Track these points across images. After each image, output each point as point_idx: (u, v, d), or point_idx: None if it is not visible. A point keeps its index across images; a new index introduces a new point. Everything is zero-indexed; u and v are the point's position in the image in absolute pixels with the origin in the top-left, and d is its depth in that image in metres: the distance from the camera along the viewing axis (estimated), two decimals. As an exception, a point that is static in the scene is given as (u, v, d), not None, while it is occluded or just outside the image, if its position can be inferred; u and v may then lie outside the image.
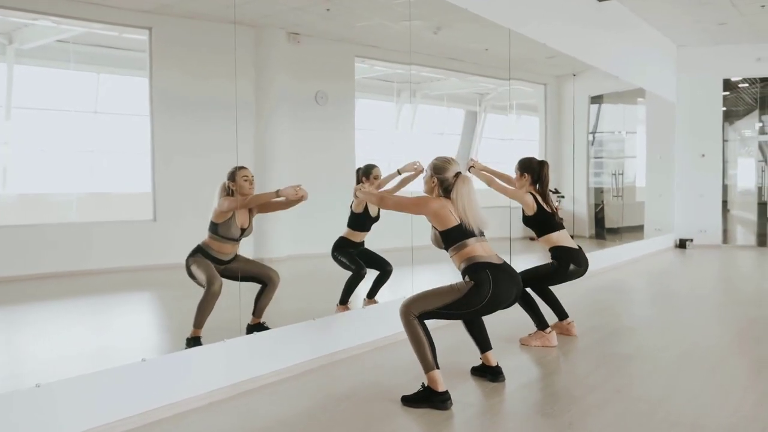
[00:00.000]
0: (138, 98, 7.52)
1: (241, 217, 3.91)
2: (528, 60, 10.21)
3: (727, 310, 5.59)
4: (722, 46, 10.38)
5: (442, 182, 3.26)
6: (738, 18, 8.83)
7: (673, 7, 8.32)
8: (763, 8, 8.30)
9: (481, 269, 3.12)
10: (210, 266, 3.83)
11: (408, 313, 3.18)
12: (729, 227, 11.45)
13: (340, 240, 4.66)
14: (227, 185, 3.90)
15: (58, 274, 5.59)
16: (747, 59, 10.36)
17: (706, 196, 10.66)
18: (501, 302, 3.14)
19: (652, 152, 10.57)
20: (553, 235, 4.31)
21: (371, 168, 4.66)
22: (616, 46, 8.27)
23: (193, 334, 3.78)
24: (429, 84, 11.65)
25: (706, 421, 2.91)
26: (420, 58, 9.35)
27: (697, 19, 8.92)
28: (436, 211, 3.21)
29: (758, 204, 14.39)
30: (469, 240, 3.20)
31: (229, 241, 3.88)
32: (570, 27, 7.22)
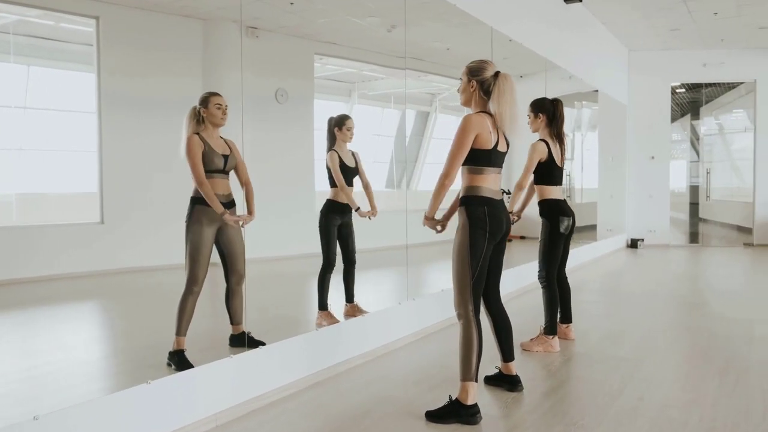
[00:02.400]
0: (78, 93, 7.02)
1: (215, 143, 3.56)
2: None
3: (708, 310, 5.68)
4: (671, 51, 10.72)
5: (482, 83, 3.00)
6: (690, 24, 9.10)
7: (633, 11, 8.48)
8: (716, 15, 8.59)
9: (480, 204, 2.96)
10: (200, 257, 3.48)
11: (467, 313, 2.96)
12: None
13: (327, 203, 4.44)
14: (197, 111, 3.57)
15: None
16: (694, 65, 10.73)
17: (656, 197, 10.97)
18: (497, 233, 3.00)
19: (604, 154, 10.79)
20: (548, 188, 4.23)
21: (345, 118, 4.45)
22: (577, 47, 8.36)
23: (175, 346, 3.49)
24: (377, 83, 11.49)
25: (743, 427, 2.85)
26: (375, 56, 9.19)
27: (653, 24, 9.14)
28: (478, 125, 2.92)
29: (690, 204, 15.10)
30: (489, 168, 2.99)
31: (216, 174, 3.53)
32: (540, 26, 7.21)
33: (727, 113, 14.50)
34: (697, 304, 5.91)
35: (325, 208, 4.45)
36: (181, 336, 3.51)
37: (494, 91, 2.96)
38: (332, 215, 4.42)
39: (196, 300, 3.52)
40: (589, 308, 5.63)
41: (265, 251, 6.00)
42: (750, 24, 9.05)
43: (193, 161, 3.52)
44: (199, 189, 3.47)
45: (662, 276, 8.14)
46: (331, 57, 9.06)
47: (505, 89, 2.95)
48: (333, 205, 4.43)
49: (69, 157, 7.28)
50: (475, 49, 9.39)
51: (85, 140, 6.92)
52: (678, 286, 7.17)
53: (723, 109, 14.30)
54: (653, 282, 7.44)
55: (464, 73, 3.07)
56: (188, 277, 3.49)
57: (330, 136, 4.50)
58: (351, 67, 10.05)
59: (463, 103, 3.12)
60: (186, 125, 3.59)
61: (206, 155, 3.50)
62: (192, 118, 3.59)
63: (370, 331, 4.06)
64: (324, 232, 4.43)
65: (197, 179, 3.50)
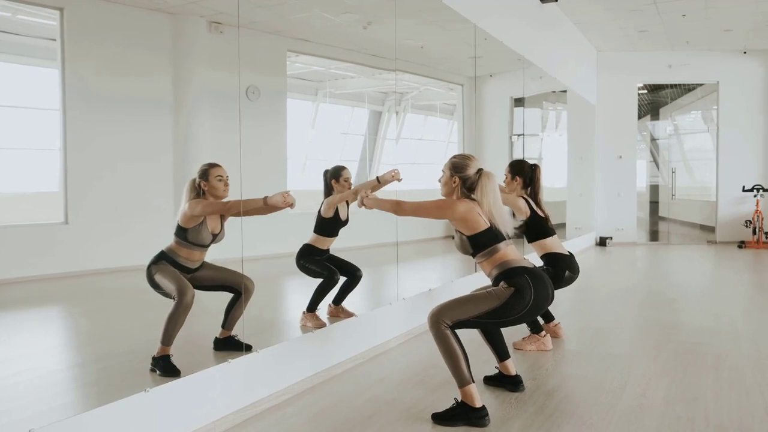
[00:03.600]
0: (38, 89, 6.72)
1: (212, 221, 3.46)
2: (447, 59, 10.26)
3: (687, 305, 5.76)
4: (638, 52, 10.91)
5: (465, 181, 3.00)
6: (658, 26, 9.27)
7: (606, 12, 8.58)
8: (684, 17, 8.76)
9: (519, 274, 2.90)
10: (178, 274, 3.37)
11: (439, 323, 2.90)
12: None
13: (305, 248, 4.26)
14: (197, 184, 3.43)
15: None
16: (660, 66, 10.95)
17: (623, 195, 11.15)
18: (541, 307, 2.94)
19: (573, 153, 10.91)
20: (547, 241, 4.19)
21: (341, 170, 4.29)
22: (551, 47, 8.41)
23: (160, 352, 3.32)
24: (345, 81, 11.40)
25: (747, 423, 2.86)
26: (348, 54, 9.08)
27: (623, 25, 9.28)
28: (464, 214, 2.94)
29: (650, 203, 15.46)
30: (500, 244, 2.97)
31: (198, 247, 3.43)
32: (517, 25, 7.22)
33: (685, 114, 14.91)
34: (675, 299, 5.99)
35: (300, 253, 4.23)
36: (168, 345, 3.36)
37: (477, 189, 2.97)
38: (310, 257, 4.22)
39: (188, 313, 3.35)
40: (573, 306, 5.64)
41: (236, 252, 5.84)
42: (715, 26, 9.27)
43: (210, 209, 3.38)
44: (233, 208, 3.39)
45: (636, 273, 8.26)
46: (304, 54, 8.91)
47: (488, 189, 2.96)
48: (311, 250, 4.23)
49: (29, 155, 6.96)
50: (449, 47, 9.40)
51: (46, 138, 6.62)
52: (653, 282, 7.27)
53: (681, 110, 14.69)
54: (628, 279, 7.54)
55: (447, 167, 3.07)
56: (177, 293, 3.31)
57: (326, 188, 4.34)
58: (319, 65, 9.92)
59: (443, 195, 3.12)
60: (185, 199, 3.44)
61: (198, 228, 3.38)
62: (191, 191, 3.44)
63: (363, 332, 3.97)
64: (308, 266, 4.21)
65: (229, 203, 3.40)
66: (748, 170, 10.82)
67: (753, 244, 10.20)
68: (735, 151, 10.93)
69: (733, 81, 10.89)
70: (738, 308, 5.68)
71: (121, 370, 3.42)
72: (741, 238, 10.56)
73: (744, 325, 4.88)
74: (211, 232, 3.45)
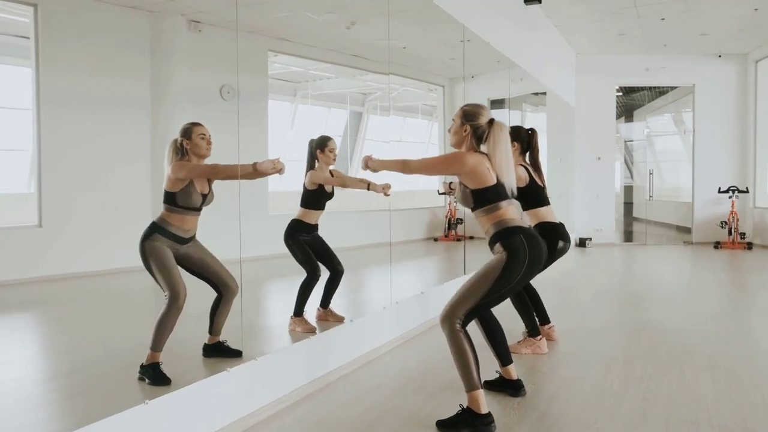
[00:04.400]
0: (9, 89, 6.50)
1: (200, 182, 3.33)
2: (429, 60, 10.24)
3: (675, 306, 5.79)
4: (616, 55, 11.01)
5: (476, 130, 2.92)
6: (637, 29, 9.36)
7: (586, 15, 8.62)
8: (663, 21, 8.86)
9: (515, 234, 2.83)
10: (173, 268, 3.22)
11: (453, 322, 2.82)
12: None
13: (293, 224, 4.19)
14: (180, 143, 3.32)
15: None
16: (637, 69, 11.07)
17: (602, 197, 11.25)
18: (537, 267, 2.88)
19: (552, 154, 10.96)
20: (541, 210, 4.15)
21: (326, 140, 4.23)
22: (533, 48, 8.43)
23: (150, 359, 3.21)
24: (322, 82, 11.32)
25: (750, 425, 2.86)
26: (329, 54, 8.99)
27: (602, 28, 9.35)
28: (473, 168, 2.84)
29: (624, 204, 15.66)
30: (503, 202, 2.89)
31: (190, 211, 3.30)
32: (502, 25, 7.20)
33: (657, 117, 15.15)
34: (660, 301, 6.03)
35: (290, 229, 4.16)
36: (157, 352, 3.24)
37: (489, 139, 2.91)
38: (298, 234, 4.15)
39: (178, 316, 3.24)
40: (560, 307, 5.64)
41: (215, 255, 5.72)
42: (692, 30, 9.40)
43: (196, 171, 3.27)
44: (222, 173, 3.29)
45: (617, 274, 8.32)
46: (285, 54, 8.79)
47: (501, 139, 2.90)
48: (299, 225, 4.16)
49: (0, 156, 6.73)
50: (431, 48, 9.36)
51: (19, 138, 6.41)
52: (635, 283, 7.32)
53: (654, 113, 14.92)
54: (611, 280, 7.58)
55: (458, 115, 2.99)
56: (170, 294, 3.20)
57: (310, 159, 4.27)
58: (298, 66, 9.82)
59: (453, 145, 3.04)
60: (168, 161, 3.32)
61: (187, 190, 3.26)
62: (174, 152, 3.33)
63: (357, 337, 3.89)
64: (296, 249, 4.14)
65: (217, 167, 3.29)
66: (723, 172, 10.99)
67: (728, 244, 10.36)
68: (710, 153, 11.10)
69: (709, 84, 11.06)
70: (722, 309, 5.73)
71: (107, 380, 3.29)
72: (717, 239, 10.72)
73: (731, 325, 4.92)
74: (201, 193, 3.32)
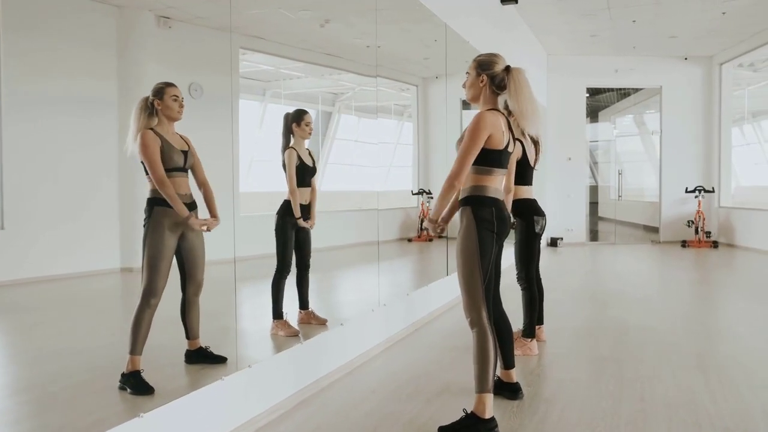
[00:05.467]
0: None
1: (173, 138, 3.19)
2: (403, 59, 10.18)
3: (654, 306, 5.84)
4: (587, 56, 11.14)
5: (493, 78, 2.79)
6: (608, 31, 9.48)
7: (560, 15, 8.68)
8: (635, 23, 8.98)
9: (487, 205, 2.75)
10: (160, 264, 3.07)
11: (480, 318, 2.72)
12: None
13: (284, 205, 4.07)
14: (150, 102, 3.15)
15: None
16: (607, 70, 11.22)
17: (573, 197, 11.36)
18: (503, 234, 2.81)
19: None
20: (523, 188, 4.12)
21: (302, 113, 4.16)
22: (508, 48, 8.43)
23: (130, 367, 3.06)
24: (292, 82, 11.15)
25: (755, 426, 2.86)
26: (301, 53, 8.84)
27: (575, 29, 9.43)
28: (492, 132, 2.69)
29: (590, 204, 15.89)
30: (497, 170, 2.79)
31: (176, 173, 3.14)
32: (481, 26, 7.18)
33: (621, 118, 15.41)
34: (638, 300, 6.07)
35: (282, 209, 4.09)
36: (137, 355, 3.08)
37: (510, 86, 2.77)
38: (289, 217, 4.07)
39: (153, 314, 3.09)
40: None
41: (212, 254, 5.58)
42: (662, 33, 9.56)
43: (150, 158, 3.10)
44: (159, 190, 3.07)
45: (591, 273, 8.39)
46: (257, 52, 8.59)
47: (522, 84, 2.76)
48: (290, 205, 4.06)
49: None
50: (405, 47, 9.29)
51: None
52: (610, 282, 7.38)
53: (618, 114, 15.17)
54: (586, 279, 7.64)
55: (472, 67, 2.85)
56: (145, 287, 3.07)
57: (286, 132, 4.18)
58: (268, 65, 9.64)
59: (470, 100, 2.91)
60: (135, 119, 3.16)
61: (164, 152, 3.11)
62: (143, 110, 3.16)
63: (346, 340, 3.79)
64: (280, 233, 4.06)
65: (157, 179, 3.09)
66: (689, 172, 11.23)
67: (695, 243, 10.58)
68: (677, 153, 11.32)
69: (675, 86, 11.28)
70: (699, 307, 5.82)
71: (85, 391, 3.10)
72: (683, 238, 10.93)
73: (711, 323, 4.98)
74: (180, 149, 3.17)
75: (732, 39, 9.96)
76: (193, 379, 3.36)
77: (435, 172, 10.07)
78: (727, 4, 8.08)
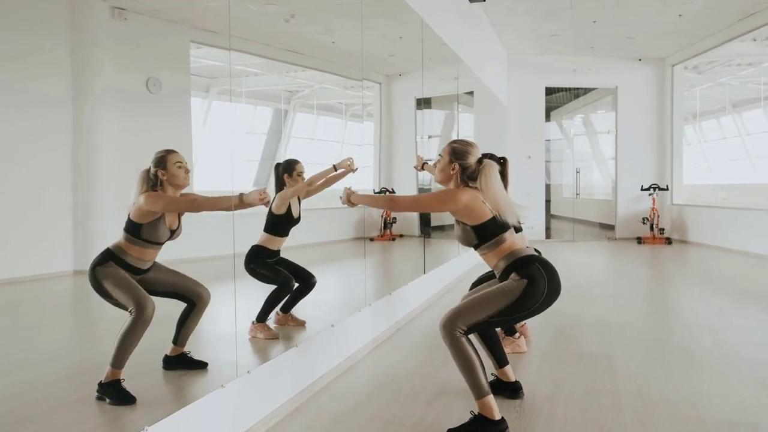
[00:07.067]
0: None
1: (170, 216, 3.04)
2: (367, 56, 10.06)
3: (626, 301, 5.91)
4: (546, 56, 11.28)
5: (465, 169, 2.79)
6: (568, 31, 9.61)
7: (524, 15, 8.74)
8: (595, 23, 9.13)
9: (530, 263, 2.71)
10: (134, 284, 2.93)
11: (454, 329, 2.66)
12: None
13: (254, 249, 3.90)
14: (153, 174, 2.99)
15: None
16: (565, 70, 11.39)
17: (532, 195, 11.48)
18: (555, 297, 2.76)
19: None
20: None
21: (294, 163, 4.00)
22: (475, 46, 8.44)
23: (110, 376, 2.88)
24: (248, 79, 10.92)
25: (755, 418, 2.88)
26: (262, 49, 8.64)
27: (536, 28, 9.51)
28: (468, 203, 2.70)
29: (545, 201, 16.16)
30: (506, 234, 2.77)
31: (152, 245, 3.00)
32: (453, 23, 7.14)
33: (572, 119, 15.73)
34: (608, 296, 6.15)
35: (251, 254, 3.87)
36: (119, 369, 2.88)
37: (481, 180, 2.76)
38: (260, 259, 3.88)
39: (146, 328, 2.90)
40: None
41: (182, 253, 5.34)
42: (619, 33, 9.75)
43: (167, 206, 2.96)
44: (199, 209, 3.02)
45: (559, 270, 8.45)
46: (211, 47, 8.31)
47: (492, 179, 2.75)
48: (261, 251, 3.89)
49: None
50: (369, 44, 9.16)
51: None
52: (576, 279, 7.45)
53: (569, 114, 15.47)
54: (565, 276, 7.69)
55: (447, 152, 2.85)
56: (135, 307, 2.86)
57: (278, 183, 4.01)
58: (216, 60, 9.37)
59: (439, 181, 2.91)
60: (137, 192, 2.99)
61: (155, 223, 2.95)
62: (145, 182, 2.99)
63: (337, 342, 3.65)
64: (260, 270, 3.86)
65: (194, 207, 3.00)
66: (644, 170, 11.52)
67: (650, 239, 10.86)
68: (632, 152, 11.60)
69: (630, 86, 11.56)
70: (669, 301, 5.92)
71: (56, 404, 2.87)
72: (638, 235, 11.21)
73: (686, 317, 5.06)
74: (169, 228, 3.02)
75: (684, 41, 10.26)
76: (175, 386, 3.18)
77: (398, 171, 9.98)
78: (684, 7, 8.30)
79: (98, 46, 6.21)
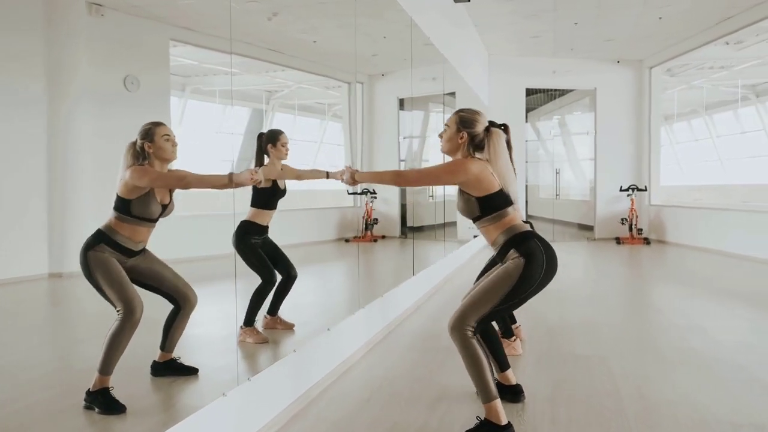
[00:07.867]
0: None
1: (160, 191, 2.95)
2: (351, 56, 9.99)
3: (613, 302, 5.93)
4: (527, 57, 11.31)
5: (473, 138, 2.75)
6: (550, 33, 9.64)
7: (508, 16, 8.73)
8: (576, 25, 9.17)
9: (529, 239, 2.66)
10: (125, 281, 2.82)
11: (464, 328, 2.61)
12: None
13: (243, 225, 3.89)
14: (140, 146, 2.91)
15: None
16: (545, 71, 11.45)
17: (513, 196, 11.49)
18: (552, 274, 2.70)
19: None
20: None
21: (278, 133, 3.97)
22: (460, 46, 8.42)
23: (99, 384, 2.81)
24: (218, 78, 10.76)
25: (759, 419, 2.87)
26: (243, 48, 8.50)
27: (518, 30, 9.53)
28: (478, 174, 2.64)
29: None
30: (509, 208, 2.72)
31: (145, 222, 2.91)
32: (440, 24, 7.09)
33: (547, 121, 15.84)
34: (593, 296, 6.16)
35: (240, 231, 3.87)
36: (107, 375, 2.79)
37: (489, 148, 2.74)
38: (249, 236, 3.87)
39: (134, 332, 2.81)
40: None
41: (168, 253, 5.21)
42: (599, 35, 9.82)
43: (153, 181, 2.87)
44: (188, 186, 2.95)
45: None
46: (190, 45, 8.15)
47: (500, 148, 2.73)
48: (250, 227, 3.89)
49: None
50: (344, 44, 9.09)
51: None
52: (560, 279, 7.47)
53: (546, 116, 15.58)
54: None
55: (453, 121, 2.81)
56: (123, 308, 2.77)
57: (260, 153, 3.98)
58: (191, 59, 9.22)
59: (445, 152, 2.86)
60: (124, 165, 2.91)
61: (145, 198, 2.86)
62: (132, 156, 2.92)
63: (332, 346, 3.56)
64: (249, 253, 3.84)
65: (183, 183, 2.94)
66: (622, 171, 11.63)
67: (629, 240, 10.96)
68: (611, 153, 11.70)
69: (609, 88, 11.66)
70: (654, 302, 5.95)
71: (40, 414, 2.75)
72: (617, 235, 11.31)
73: (674, 317, 5.08)
74: (160, 203, 2.93)
75: (661, 43, 10.39)
76: (166, 394, 3.08)
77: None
78: (664, 10, 8.39)
79: (75, 43, 6.04)
